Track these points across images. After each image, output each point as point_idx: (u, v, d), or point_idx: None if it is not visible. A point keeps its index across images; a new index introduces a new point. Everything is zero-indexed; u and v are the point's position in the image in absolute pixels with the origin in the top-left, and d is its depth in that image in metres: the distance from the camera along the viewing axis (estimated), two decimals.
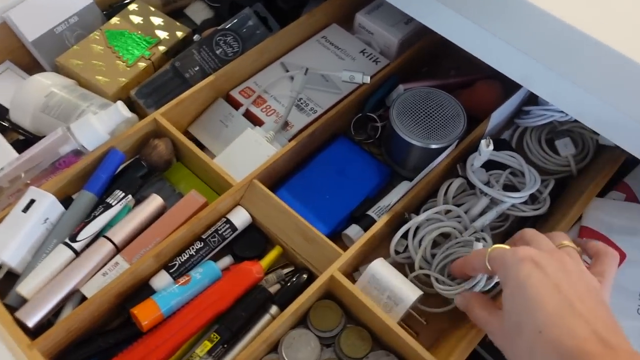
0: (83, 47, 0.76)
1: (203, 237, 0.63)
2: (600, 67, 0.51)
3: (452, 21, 0.60)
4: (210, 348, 0.56)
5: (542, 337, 0.39)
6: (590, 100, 0.55)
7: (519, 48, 0.57)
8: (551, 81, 0.58)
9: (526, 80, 0.61)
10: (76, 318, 0.55)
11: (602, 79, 0.52)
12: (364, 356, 0.59)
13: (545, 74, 0.58)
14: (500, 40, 0.59)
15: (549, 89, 0.59)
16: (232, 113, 0.74)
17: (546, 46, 0.55)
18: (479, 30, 0.59)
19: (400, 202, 0.65)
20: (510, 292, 0.43)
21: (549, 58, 0.56)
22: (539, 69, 0.57)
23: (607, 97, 0.53)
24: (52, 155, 0.65)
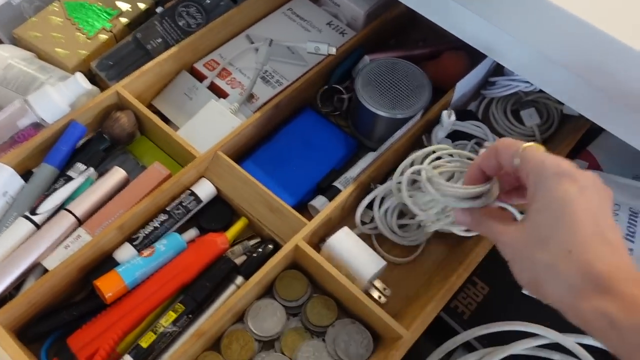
0: (41, 19, 0.74)
1: (167, 210, 0.62)
2: (565, 36, 0.51)
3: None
4: (175, 318, 0.55)
5: (571, 257, 0.37)
6: (555, 69, 0.55)
7: (484, 17, 0.57)
8: (516, 50, 0.58)
9: (491, 51, 0.61)
10: (38, 291, 0.54)
11: (567, 48, 0.52)
12: (329, 324, 0.59)
13: (510, 43, 0.58)
14: (465, 9, 0.59)
15: (514, 58, 0.60)
16: (196, 85, 0.73)
17: (510, 14, 0.55)
18: (444, 0, 0.59)
19: (366, 173, 0.65)
20: (543, 205, 0.39)
21: (514, 27, 0.56)
22: (504, 38, 0.58)
23: (571, 66, 0.53)
24: (11, 129, 0.63)
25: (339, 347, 0.57)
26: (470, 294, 0.61)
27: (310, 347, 0.57)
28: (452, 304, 0.61)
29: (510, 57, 0.60)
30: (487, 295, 0.61)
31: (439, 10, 0.62)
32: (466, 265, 0.59)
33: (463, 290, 0.61)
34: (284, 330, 0.59)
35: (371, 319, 0.58)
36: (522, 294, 0.60)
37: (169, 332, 0.55)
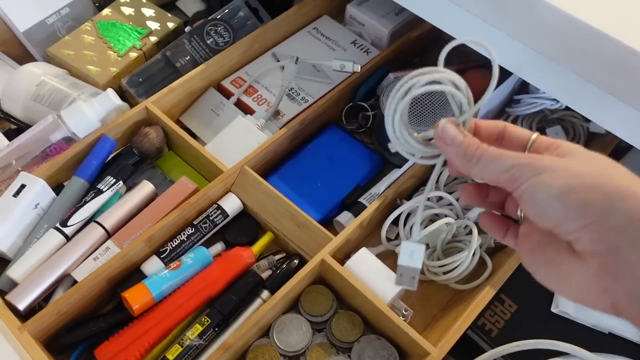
0: (74, 38, 0.76)
1: (194, 223, 0.63)
2: (594, 53, 0.51)
3: (444, 9, 0.61)
4: (201, 331, 0.56)
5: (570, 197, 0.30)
6: (583, 86, 0.55)
7: (512, 35, 0.58)
8: (544, 69, 0.58)
9: (519, 69, 0.61)
10: (67, 301, 0.55)
11: (596, 65, 0.52)
12: (355, 340, 0.59)
13: (537, 61, 0.58)
14: (493, 27, 0.59)
15: (542, 76, 0.60)
16: (223, 102, 0.74)
17: (539, 33, 0.55)
18: (470, 18, 0.59)
19: (392, 189, 0.65)
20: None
21: (542, 45, 0.56)
22: (531, 56, 0.58)
23: (600, 83, 0.53)
24: (43, 143, 0.65)
25: None
26: (497, 311, 0.60)
27: None
28: (480, 321, 0.60)
29: (537, 75, 0.60)
30: (515, 313, 0.60)
31: (465, 29, 0.63)
32: (493, 282, 0.59)
33: (490, 308, 0.61)
34: (309, 345, 0.59)
35: (397, 335, 0.57)
36: (551, 312, 0.59)
37: (195, 345, 0.55)
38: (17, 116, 0.71)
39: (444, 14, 0.62)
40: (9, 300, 0.54)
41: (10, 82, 0.70)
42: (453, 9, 0.60)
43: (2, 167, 0.64)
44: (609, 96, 0.53)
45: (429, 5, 0.63)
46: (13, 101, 0.70)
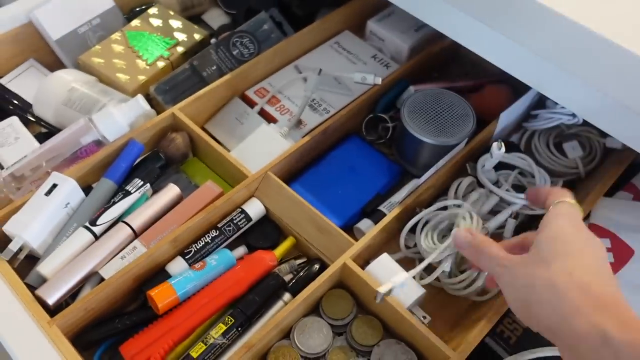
0: (104, 47, 0.79)
1: (218, 226, 0.64)
2: (613, 67, 0.52)
3: (465, 25, 0.62)
4: (225, 330, 0.57)
5: (572, 278, 0.39)
6: (603, 101, 0.56)
7: (533, 50, 0.59)
8: (563, 83, 0.59)
9: (539, 84, 0.62)
10: (94, 298, 0.56)
11: (615, 79, 0.53)
12: (375, 344, 0.59)
13: (558, 76, 0.59)
14: (514, 42, 0.60)
15: (562, 91, 0.61)
16: (247, 111, 0.76)
17: (559, 48, 0.56)
18: (491, 34, 0.61)
19: (411, 198, 0.67)
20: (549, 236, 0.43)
21: (563, 60, 0.57)
22: (552, 71, 0.59)
23: (622, 98, 0.53)
24: (74, 145, 0.67)
25: None
26: (516, 318, 0.61)
27: None
28: (498, 328, 0.60)
29: (557, 90, 0.61)
30: None
31: (486, 45, 0.64)
32: None
33: (509, 315, 0.61)
34: (329, 348, 0.59)
35: (417, 339, 0.58)
36: None
37: (218, 344, 0.56)
38: (48, 120, 0.73)
39: (465, 30, 0.63)
40: (39, 295, 0.55)
41: (42, 88, 0.72)
42: (475, 25, 0.61)
43: (33, 169, 0.66)
44: (628, 111, 0.54)
45: (451, 21, 0.64)
46: (45, 106, 0.72)
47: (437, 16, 0.66)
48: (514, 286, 0.43)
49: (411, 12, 0.69)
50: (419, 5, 0.67)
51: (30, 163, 0.66)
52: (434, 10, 0.66)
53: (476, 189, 0.72)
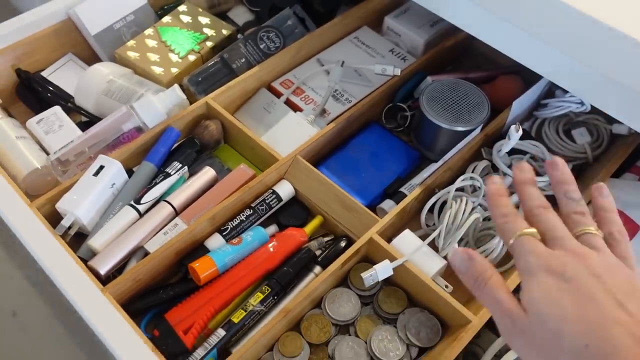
0: (139, 42, 0.84)
1: (252, 205, 0.69)
2: (622, 55, 0.55)
3: (480, 19, 0.66)
4: (262, 298, 0.61)
5: (590, 351, 0.34)
6: (612, 88, 0.60)
7: (545, 41, 0.63)
8: (574, 72, 0.63)
9: (550, 73, 0.66)
10: (141, 269, 0.61)
11: (624, 67, 0.56)
12: (400, 312, 0.64)
13: (568, 65, 0.63)
14: (527, 34, 0.64)
15: (572, 80, 0.64)
16: (274, 101, 0.81)
17: (570, 39, 0.60)
18: (504, 26, 0.65)
19: (430, 179, 0.71)
20: (540, 297, 0.37)
21: (573, 50, 0.61)
22: (563, 61, 0.63)
23: (630, 84, 0.57)
24: (116, 131, 0.71)
25: (410, 332, 0.62)
26: None
27: (384, 332, 0.62)
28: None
29: (567, 78, 0.65)
30: None
31: (500, 37, 0.68)
32: None
33: None
34: (357, 316, 0.64)
35: (439, 306, 0.62)
36: None
37: (257, 311, 0.61)
38: (89, 109, 0.78)
39: (480, 23, 0.68)
40: (92, 266, 0.60)
41: (83, 79, 0.77)
42: (488, 18, 0.66)
43: (77, 154, 0.71)
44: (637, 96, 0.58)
45: (466, 15, 0.68)
46: (86, 96, 0.77)
47: (453, 10, 0.70)
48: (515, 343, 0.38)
49: (427, 7, 0.74)
50: (435, 1, 0.71)
51: (75, 148, 0.70)
52: (449, 5, 0.70)
53: (490, 172, 0.77)
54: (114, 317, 0.56)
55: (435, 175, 0.72)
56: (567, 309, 0.35)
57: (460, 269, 0.41)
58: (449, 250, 0.65)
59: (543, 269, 0.37)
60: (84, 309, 0.53)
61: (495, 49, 0.69)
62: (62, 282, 0.55)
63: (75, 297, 0.54)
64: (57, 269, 0.55)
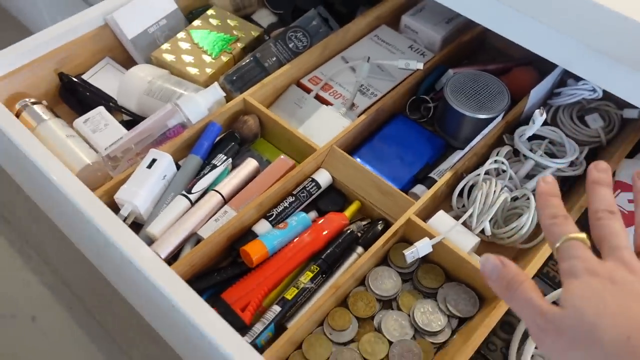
0: (173, 44, 0.88)
1: (294, 193, 0.73)
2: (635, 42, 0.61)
3: (496, 12, 0.71)
4: (312, 277, 0.66)
5: (631, 343, 0.33)
6: (626, 74, 0.65)
7: (563, 32, 0.67)
8: (589, 60, 0.68)
9: (567, 62, 0.71)
10: (197, 254, 0.65)
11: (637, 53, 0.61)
12: (439, 286, 0.68)
13: (583, 54, 0.67)
14: (542, 24, 0.69)
15: (587, 67, 0.69)
16: (304, 96, 0.85)
17: (584, 27, 0.64)
18: (519, 16, 0.69)
19: (457, 165, 0.76)
20: (579, 294, 0.36)
21: (587, 38, 0.65)
22: (577, 49, 0.67)
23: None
24: (161, 128, 0.76)
25: (450, 304, 0.67)
26: None
27: (425, 305, 0.67)
28: (544, 269, 0.70)
29: (582, 66, 0.70)
30: None
31: (514, 27, 0.72)
32: None
33: (552, 258, 0.70)
34: (399, 291, 0.68)
35: (476, 279, 0.67)
36: None
37: (307, 288, 0.65)
38: (131, 109, 0.82)
39: (496, 17, 0.72)
40: (154, 250, 0.64)
41: (125, 81, 0.81)
42: (504, 11, 0.70)
43: (124, 150, 0.75)
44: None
45: (481, 8, 0.72)
46: (129, 96, 0.81)
47: (470, 6, 0.74)
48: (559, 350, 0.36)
49: (445, 4, 0.78)
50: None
51: (124, 145, 0.75)
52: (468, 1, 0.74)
53: (512, 157, 0.82)
54: (188, 291, 0.59)
55: (463, 161, 0.76)
56: (607, 303, 0.34)
57: (492, 274, 0.40)
58: (481, 228, 0.70)
59: (588, 273, 0.36)
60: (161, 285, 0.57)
61: (507, 42, 0.73)
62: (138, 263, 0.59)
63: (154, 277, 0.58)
64: (132, 252, 0.59)
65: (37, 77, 0.83)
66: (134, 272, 0.61)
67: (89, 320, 1.68)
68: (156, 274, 0.57)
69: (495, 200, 0.70)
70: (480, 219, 0.70)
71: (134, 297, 0.78)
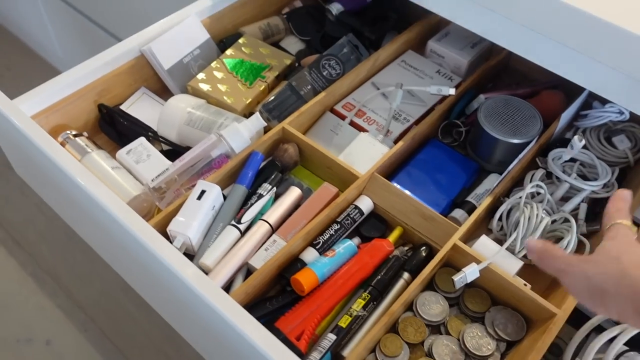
0: (208, 74, 0.90)
1: (338, 220, 0.75)
2: None
3: (522, 36, 0.72)
4: (364, 304, 0.67)
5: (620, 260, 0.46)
6: None
7: (593, 57, 0.69)
8: (620, 84, 0.70)
9: (597, 87, 0.73)
10: (251, 283, 0.66)
11: None
12: (486, 310, 0.70)
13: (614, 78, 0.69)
14: (573, 50, 0.71)
15: (618, 92, 0.71)
16: (340, 123, 0.87)
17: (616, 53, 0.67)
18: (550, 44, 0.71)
19: (496, 190, 0.78)
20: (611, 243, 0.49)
21: (618, 63, 0.68)
22: (609, 74, 0.69)
23: None
24: (205, 158, 0.77)
25: (498, 328, 0.68)
26: None
27: (474, 329, 0.68)
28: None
29: (610, 89, 0.72)
30: None
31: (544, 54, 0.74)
32: None
33: None
34: (447, 316, 0.70)
35: (523, 302, 0.68)
36: None
37: (360, 316, 0.66)
38: (171, 139, 0.83)
39: (520, 40, 0.74)
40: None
41: (165, 111, 0.83)
42: (528, 34, 0.72)
43: (168, 182, 0.76)
44: None
45: (505, 32, 0.74)
46: (169, 127, 0.82)
47: (495, 30, 0.76)
48: (585, 280, 0.48)
49: (473, 30, 0.79)
50: (479, 23, 0.77)
51: (167, 177, 0.76)
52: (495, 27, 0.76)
53: (545, 180, 0.83)
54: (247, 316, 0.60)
55: (501, 185, 0.78)
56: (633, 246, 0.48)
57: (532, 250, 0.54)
58: (525, 251, 0.72)
59: (629, 240, 0.49)
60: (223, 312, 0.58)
61: (530, 65, 0.75)
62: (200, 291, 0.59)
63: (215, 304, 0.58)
64: (194, 282, 0.60)
65: (77, 109, 0.84)
66: (194, 301, 0.62)
67: (103, 341, 1.68)
68: (222, 305, 0.58)
69: (538, 224, 0.72)
70: (524, 242, 0.72)
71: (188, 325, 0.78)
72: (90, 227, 0.84)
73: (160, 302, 0.82)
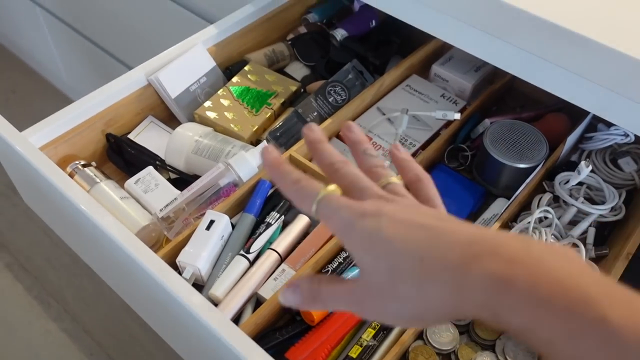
0: (214, 102, 0.90)
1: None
2: None
3: (525, 61, 0.73)
4: (374, 333, 0.67)
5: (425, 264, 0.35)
6: None
7: (597, 82, 0.70)
8: (625, 108, 0.70)
9: (601, 110, 0.74)
10: (261, 314, 0.66)
11: None
12: (497, 337, 0.70)
13: (618, 102, 0.70)
14: (576, 75, 0.72)
15: (622, 115, 0.72)
16: (346, 149, 0.87)
17: (622, 79, 0.67)
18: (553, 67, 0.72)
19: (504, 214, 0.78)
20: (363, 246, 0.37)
21: (620, 87, 0.68)
22: (613, 99, 0.70)
23: None
24: (213, 187, 0.77)
25: (509, 355, 0.68)
26: None
27: (485, 357, 0.68)
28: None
29: (614, 112, 0.72)
30: None
31: (548, 78, 0.74)
32: None
33: None
34: (458, 344, 0.70)
35: None
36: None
37: (371, 345, 0.66)
38: (179, 168, 0.84)
39: (524, 64, 0.74)
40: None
41: (173, 140, 0.83)
42: (532, 59, 0.72)
43: (176, 211, 0.77)
44: None
45: (508, 57, 0.75)
46: (177, 156, 0.83)
47: (500, 55, 0.76)
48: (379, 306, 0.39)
49: (477, 55, 0.80)
50: (481, 47, 0.77)
51: (176, 207, 0.76)
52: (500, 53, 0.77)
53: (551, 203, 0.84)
54: (258, 350, 0.60)
55: (508, 210, 0.78)
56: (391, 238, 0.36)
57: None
58: None
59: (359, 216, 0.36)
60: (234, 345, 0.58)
61: (533, 87, 0.75)
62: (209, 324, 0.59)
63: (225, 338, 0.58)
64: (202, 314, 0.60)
65: (85, 139, 0.85)
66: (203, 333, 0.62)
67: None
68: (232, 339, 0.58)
69: None
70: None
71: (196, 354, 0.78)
72: (99, 257, 0.84)
73: (167, 332, 0.82)
